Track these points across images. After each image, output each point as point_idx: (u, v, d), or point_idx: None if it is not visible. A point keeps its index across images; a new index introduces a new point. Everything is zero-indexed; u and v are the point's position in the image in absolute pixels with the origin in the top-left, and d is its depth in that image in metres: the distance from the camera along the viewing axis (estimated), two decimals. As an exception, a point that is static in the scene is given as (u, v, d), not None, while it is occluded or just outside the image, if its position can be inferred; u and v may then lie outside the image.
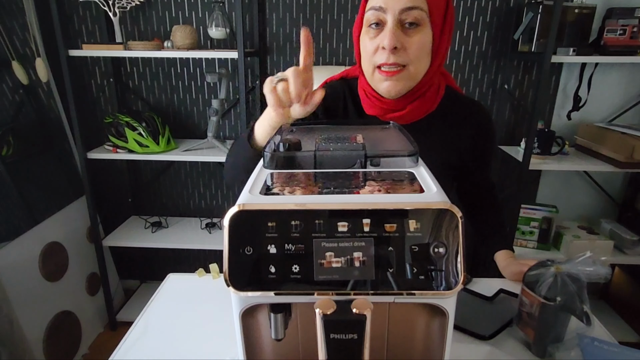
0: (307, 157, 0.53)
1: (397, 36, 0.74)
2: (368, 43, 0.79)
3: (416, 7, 0.73)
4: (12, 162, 1.61)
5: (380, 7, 0.75)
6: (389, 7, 0.74)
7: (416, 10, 0.73)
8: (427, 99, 0.85)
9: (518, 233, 1.79)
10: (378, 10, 0.75)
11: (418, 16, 0.74)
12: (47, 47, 1.75)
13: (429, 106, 0.86)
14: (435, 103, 0.87)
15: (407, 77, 0.79)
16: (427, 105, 0.86)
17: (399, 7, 0.73)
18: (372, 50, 0.78)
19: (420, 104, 0.84)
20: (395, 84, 0.79)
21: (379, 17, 0.76)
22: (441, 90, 0.88)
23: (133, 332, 0.76)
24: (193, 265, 2.19)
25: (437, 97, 0.87)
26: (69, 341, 1.74)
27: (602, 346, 0.68)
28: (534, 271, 0.70)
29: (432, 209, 0.41)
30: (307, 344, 0.54)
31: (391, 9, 0.74)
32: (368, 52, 0.79)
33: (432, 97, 0.86)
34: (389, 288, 0.41)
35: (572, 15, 1.54)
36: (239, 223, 0.41)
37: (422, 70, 0.80)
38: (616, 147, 1.61)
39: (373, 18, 0.77)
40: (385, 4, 0.74)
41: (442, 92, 0.88)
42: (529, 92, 1.85)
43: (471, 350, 0.71)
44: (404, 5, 0.73)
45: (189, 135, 1.98)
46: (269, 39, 1.82)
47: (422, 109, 0.85)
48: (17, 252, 1.52)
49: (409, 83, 0.80)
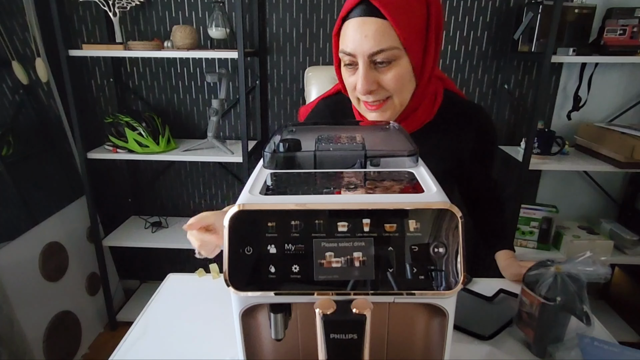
0: (307, 157, 0.53)
1: (371, 78, 0.74)
2: (347, 78, 0.79)
3: (386, 50, 0.72)
4: (12, 162, 1.61)
5: (350, 53, 0.74)
6: (357, 52, 0.73)
7: (387, 52, 0.72)
8: (421, 112, 0.85)
9: (518, 233, 1.79)
10: (348, 55, 0.75)
11: (390, 55, 0.73)
12: (47, 47, 1.75)
13: (426, 117, 0.86)
14: (432, 113, 0.87)
15: (393, 107, 0.80)
16: (423, 117, 0.86)
17: (368, 52, 0.72)
18: (352, 87, 0.79)
19: (415, 117, 0.85)
20: (382, 115, 0.80)
21: (351, 60, 0.75)
22: (438, 97, 0.87)
23: (133, 332, 0.76)
24: (193, 265, 2.19)
25: (433, 107, 0.87)
26: (69, 341, 1.74)
27: (602, 346, 0.68)
28: (534, 271, 0.70)
29: (432, 209, 0.41)
30: (307, 344, 0.54)
31: (360, 54, 0.73)
32: (349, 85, 0.80)
33: (428, 108, 0.86)
34: (389, 288, 0.41)
35: (572, 15, 1.54)
36: (239, 223, 0.41)
37: (408, 96, 0.80)
38: (616, 147, 1.61)
39: (346, 60, 0.76)
40: (353, 50, 0.73)
41: (439, 100, 0.87)
42: (529, 92, 1.85)
43: (471, 350, 0.71)
44: (371, 50, 0.72)
45: (189, 135, 1.98)
46: (269, 39, 1.82)
47: (418, 121, 0.86)
48: (17, 252, 1.52)
49: (396, 110, 0.81)
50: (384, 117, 0.81)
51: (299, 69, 1.85)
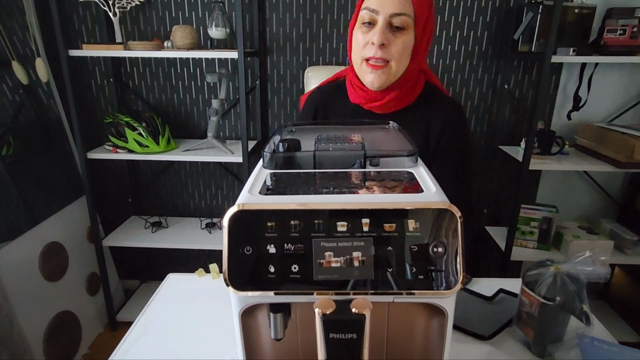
0: (307, 157, 0.53)
1: (385, 35, 0.86)
2: (360, 37, 0.90)
3: (404, 14, 0.86)
4: (12, 162, 1.61)
5: (374, 10, 0.86)
6: (381, 10, 0.86)
7: (404, 16, 0.86)
8: (404, 93, 0.95)
9: (518, 233, 1.78)
10: (371, 12, 0.87)
11: (405, 21, 0.86)
12: (47, 47, 1.75)
13: (406, 99, 0.96)
14: (412, 97, 0.96)
15: (389, 73, 0.90)
16: (405, 98, 0.95)
17: (390, 12, 0.85)
18: (363, 44, 0.89)
19: (398, 96, 0.94)
20: (379, 77, 0.90)
21: (372, 17, 0.87)
22: (419, 85, 0.97)
23: (133, 332, 0.76)
24: (193, 265, 2.19)
25: (414, 92, 0.97)
26: (69, 341, 1.74)
27: (602, 346, 0.68)
28: (534, 271, 0.70)
29: (432, 208, 0.41)
30: (307, 343, 0.54)
31: (383, 12, 0.86)
32: (359, 44, 0.90)
33: (410, 91, 0.96)
34: (389, 288, 0.41)
35: (572, 15, 1.54)
36: (238, 223, 0.41)
37: (402, 68, 0.91)
38: (616, 147, 1.61)
39: (366, 17, 0.88)
40: (378, 6, 0.86)
41: (420, 88, 0.97)
42: (529, 92, 1.85)
43: (471, 350, 0.71)
44: (394, 11, 0.85)
45: (189, 135, 1.98)
46: (269, 39, 1.82)
47: (399, 101, 0.95)
48: (17, 252, 1.52)
49: (390, 78, 0.91)
50: (379, 80, 0.90)
51: (299, 69, 1.85)
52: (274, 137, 0.60)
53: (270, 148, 0.54)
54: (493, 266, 2.10)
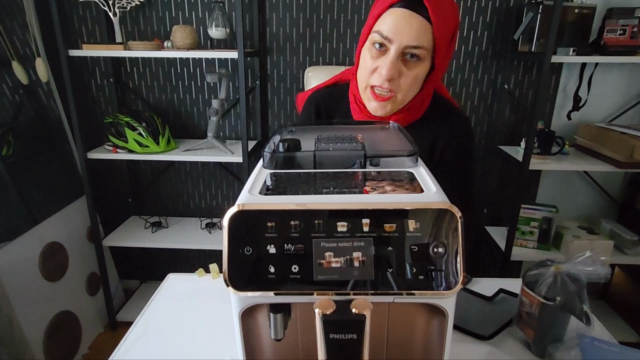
0: (307, 157, 0.53)
1: (397, 67, 0.77)
2: (368, 60, 0.81)
3: (420, 47, 0.76)
4: (12, 162, 1.61)
5: (387, 37, 0.77)
6: (395, 39, 0.76)
7: (419, 49, 0.76)
8: (410, 113, 0.89)
9: (518, 233, 1.78)
10: (384, 38, 0.77)
11: (421, 54, 0.77)
12: (47, 47, 1.75)
13: (412, 117, 0.90)
14: (419, 114, 0.90)
15: (394, 103, 0.83)
16: (411, 117, 0.90)
17: (405, 44, 0.76)
18: (371, 69, 0.81)
19: (404, 116, 0.88)
20: (382, 108, 0.83)
21: (384, 43, 0.78)
22: (427, 100, 0.90)
23: (133, 332, 0.76)
24: (193, 265, 2.19)
25: (421, 109, 0.90)
26: (69, 341, 1.74)
27: (602, 346, 0.68)
28: (534, 271, 0.70)
29: (432, 209, 0.41)
30: (307, 344, 0.54)
31: (397, 42, 0.76)
32: (366, 68, 0.82)
33: (416, 110, 0.89)
34: (389, 288, 0.41)
35: (572, 15, 1.54)
36: (238, 223, 0.41)
37: (409, 98, 0.84)
38: (616, 147, 1.61)
39: (378, 40, 0.78)
40: (392, 35, 0.76)
41: (427, 103, 0.90)
42: (529, 92, 1.85)
43: (471, 350, 0.71)
44: (409, 43, 0.75)
45: (189, 135, 1.98)
46: (269, 39, 1.82)
47: (405, 120, 0.89)
48: (17, 252, 1.52)
49: (395, 107, 0.85)
50: (383, 111, 0.84)
51: (299, 69, 1.85)
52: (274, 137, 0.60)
53: (270, 148, 0.54)
54: (493, 266, 2.10)
